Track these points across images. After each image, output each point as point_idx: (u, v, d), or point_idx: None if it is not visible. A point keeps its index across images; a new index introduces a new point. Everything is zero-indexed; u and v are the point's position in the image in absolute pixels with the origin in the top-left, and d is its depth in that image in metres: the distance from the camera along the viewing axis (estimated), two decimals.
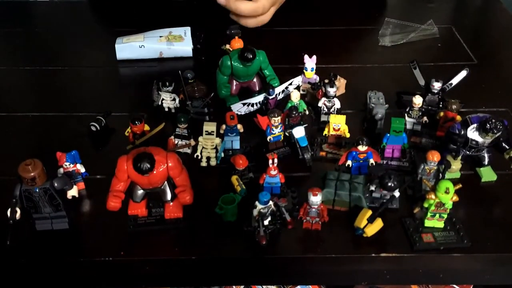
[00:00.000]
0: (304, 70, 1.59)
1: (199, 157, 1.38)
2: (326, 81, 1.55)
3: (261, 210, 1.14)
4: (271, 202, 1.15)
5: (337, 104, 1.48)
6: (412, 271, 1.22)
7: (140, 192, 1.19)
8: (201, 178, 1.31)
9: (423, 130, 1.46)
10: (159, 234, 1.20)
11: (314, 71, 1.59)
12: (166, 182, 1.18)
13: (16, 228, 1.14)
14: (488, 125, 1.21)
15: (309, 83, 1.60)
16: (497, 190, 1.32)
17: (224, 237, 1.19)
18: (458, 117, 1.40)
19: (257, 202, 1.15)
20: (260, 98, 1.51)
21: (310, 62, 1.58)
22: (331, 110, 1.48)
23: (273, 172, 1.25)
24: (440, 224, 1.19)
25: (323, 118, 1.49)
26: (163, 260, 1.17)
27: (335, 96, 1.47)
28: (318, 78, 1.59)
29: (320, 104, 1.49)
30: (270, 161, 1.24)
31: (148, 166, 1.08)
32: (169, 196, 1.19)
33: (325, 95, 1.48)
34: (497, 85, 1.69)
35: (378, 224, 1.17)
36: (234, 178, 1.28)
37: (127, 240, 1.19)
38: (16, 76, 1.76)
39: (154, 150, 1.13)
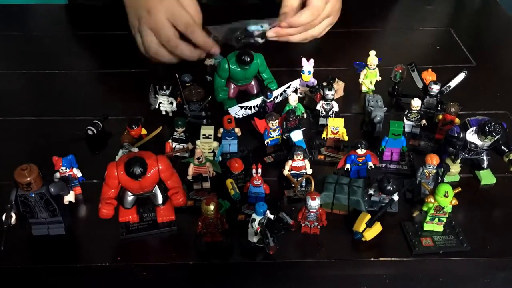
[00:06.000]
0: (301, 73, 1.59)
1: None
2: (324, 84, 1.54)
3: (262, 221, 1.12)
4: (267, 212, 1.14)
5: (335, 107, 1.47)
6: (411, 276, 1.21)
7: (131, 198, 1.18)
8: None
9: (422, 133, 1.45)
10: (156, 239, 1.20)
11: (311, 74, 1.58)
12: (156, 186, 1.17)
13: (13, 233, 1.13)
14: (487, 128, 1.21)
15: (307, 86, 1.59)
16: (497, 193, 1.31)
17: (221, 242, 1.18)
18: (457, 120, 1.40)
19: (254, 215, 1.12)
20: (258, 101, 1.51)
21: (307, 65, 1.58)
22: (329, 113, 1.47)
23: (257, 182, 1.23)
24: (440, 228, 1.19)
25: (322, 121, 1.48)
26: (160, 265, 1.16)
27: (333, 99, 1.47)
28: (316, 82, 1.59)
29: (318, 107, 1.48)
30: (254, 171, 1.23)
31: (141, 170, 1.08)
32: (160, 200, 1.19)
33: (323, 98, 1.47)
34: (496, 87, 1.68)
35: (377, 228, 1.17)
36: (228, 182, 1.27)
37: (124, 245, 1.18)
38: (12, 80, 1.75)
39: (143, 154, 1.12)
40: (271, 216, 1.13)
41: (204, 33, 1.53)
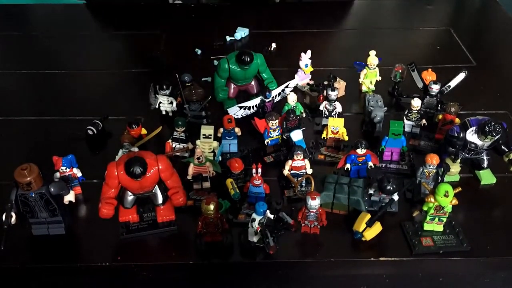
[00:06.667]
0: (301, 67, 1.59)
1: None
2: (325, 82, 1.54)
3: (262, 221, 1.12)
4: (268, 211, 1.14)
5: (339, 107, 1.47)
6: (411, 275, 1.21)
7: (131, 197, 1.18)
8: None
9: (422, 133, 1.45)
10: (156, 239, 1.20)
11: (308, 67, 1.58)
12: (156, 185, 1.17)
13: (13, 233, 1.13)
14: (487, 128, 1.21)
15: (308, 84, 1.59)
16: (497, 193, 1.31)
17: (221, 242, 1.18)
18: (457, 120, 1.40)
19: (254, 215, 1.12)
20: (256, 101, 1.51)
21: (306, 58, 1.58)
22: (332, 114, 1.47)
23: (257, 182, 1.22)
24: (440, 228, 1.19)
25: (325, 121, 1.48)
26: (160, 265, 1.16)
27: (336, 99, 1.46)
28: (310, 76, 1.59)
29: (321, 107, 1.48)
30: (254, 171, 1.23)
31: (141, 169, 1.08)
32: (160, 200, 1.19)
33: (327, 98, 1.47)
34: (496, 87, 1.68)
35: (377, 227, 1.17)
36: (228, 182, 1.26)
37: (124, 245, 1.18)
38: (12, 80, 1.75)
39: (144, 154, 1.12)
40: (271, 216, 1.13)
41: None
